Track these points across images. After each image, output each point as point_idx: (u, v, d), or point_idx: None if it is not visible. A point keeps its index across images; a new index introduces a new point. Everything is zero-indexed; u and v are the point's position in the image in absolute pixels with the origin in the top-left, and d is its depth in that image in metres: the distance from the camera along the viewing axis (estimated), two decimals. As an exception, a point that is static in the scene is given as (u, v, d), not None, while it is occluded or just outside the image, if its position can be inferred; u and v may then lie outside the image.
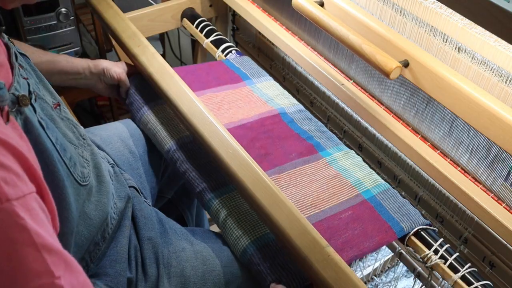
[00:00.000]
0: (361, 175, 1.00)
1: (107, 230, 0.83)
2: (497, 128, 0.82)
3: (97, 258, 0.82)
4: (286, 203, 0.83)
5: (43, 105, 0.69)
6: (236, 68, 1.24)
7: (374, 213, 0.93)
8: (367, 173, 1.01)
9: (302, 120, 1.12)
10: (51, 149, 0.66)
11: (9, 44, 0.67)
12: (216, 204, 0.95)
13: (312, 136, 1.08)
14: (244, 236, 0.90)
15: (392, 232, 0.90)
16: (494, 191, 0.92)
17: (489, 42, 0.83)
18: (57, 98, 0.77)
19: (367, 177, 1.00)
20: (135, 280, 0.85)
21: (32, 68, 0.73)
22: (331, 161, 1.03)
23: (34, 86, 0.68)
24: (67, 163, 0.69)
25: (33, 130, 0.63)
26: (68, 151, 0.70)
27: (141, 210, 0.92)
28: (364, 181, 0.99)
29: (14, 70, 0.64)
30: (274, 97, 1.17)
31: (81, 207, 0.74)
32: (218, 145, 0.91)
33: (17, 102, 0.60)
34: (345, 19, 1.01)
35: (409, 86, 1.02)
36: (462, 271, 0.85)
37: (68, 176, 0.69)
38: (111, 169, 0.94)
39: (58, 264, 0.50)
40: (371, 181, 1.00)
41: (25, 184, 0.51)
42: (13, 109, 0.59)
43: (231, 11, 1.49)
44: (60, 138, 0.70)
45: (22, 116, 0.62)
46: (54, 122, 0.71)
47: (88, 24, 1.77)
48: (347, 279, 0.75)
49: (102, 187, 0.81)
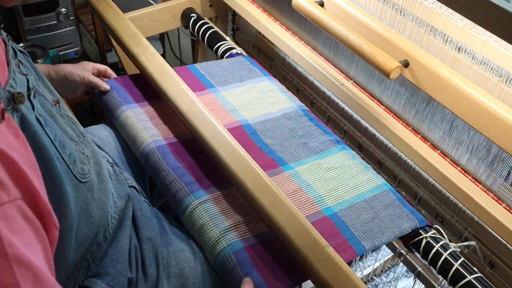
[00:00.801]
0: (323, 191, 0.97)
1: (108, 229, 0.83)
2: (497, 128, 0.82)
3: (99, 258, 0.82)
4: (286, 203, 0.83)
5: (43, 102, 0.69)
6: (200, 75, 1.21)
7: (334, 230, 0.90)
8: (330, 188, 0.98)
9: (265, 132, 1.08)
10: (49, 146, 0.65)
11: (6, 40, 0.67)
12: (192, 207, 0.92)
13: (274, 150, 1.04)
14: (220, 240, 0.87)
15: (352, 250, 0.87)
16: (494, 191, 0.92)
17: (489, 42, 0.83)
18: (56, 96, 0.77)
19: (329, 194, 0.96)
20: (135, 280, 0.85)
21: (31, 65, 0.73)
22: (293, 175, 0.99)
23: (34, 83, 0.68)
24: (66, 160, 0.69)
25: (30, 127, 0.63)
26: (68, 147, 0.70)
27: (141, 210, 0.92)
28: (326, 198, 0.96)
29: (10, 67, 0.63)
30: (238, 108, 1.13)
31: (82, 204, 0.74)
32: (218, 145, 0.91)
33: (13, 99, 0.60)
34: (345, 19, 1.01)
35: (409, 86, 1.02)
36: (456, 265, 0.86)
37: (67, 172, 0.69)
38: (111, 168, 0.94)
39: (26, 277, 0.49)
40: (334, 198, 0.96)
41: (6, 192, 0.50)
42: (8, 107, 0.59)
43: (231, 11, 1.49)
44: (60, 134, 0.69)
45: (19, 113, 0.61)
46: (54, 118, 0.70)
47: (88, 24, 1.77)
48: (347, 279, 0.75)
49: (102, 185, 0.81)
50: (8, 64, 0.64)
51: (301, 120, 1.13)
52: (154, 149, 1.01)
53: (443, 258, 0.88)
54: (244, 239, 0.88)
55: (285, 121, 1.12)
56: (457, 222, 0.99)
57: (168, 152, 1.01)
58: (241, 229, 0.90)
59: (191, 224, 0.91)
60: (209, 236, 0.88)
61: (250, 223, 0.91)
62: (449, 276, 0.86)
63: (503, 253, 0.92)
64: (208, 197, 0.94)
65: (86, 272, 0.81)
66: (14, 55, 0.67)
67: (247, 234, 0.89)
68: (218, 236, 0.88)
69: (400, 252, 1.08)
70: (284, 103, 1.16)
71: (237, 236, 0.88)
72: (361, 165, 1.03)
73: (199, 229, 0.90)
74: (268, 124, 1.11)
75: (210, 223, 0.89)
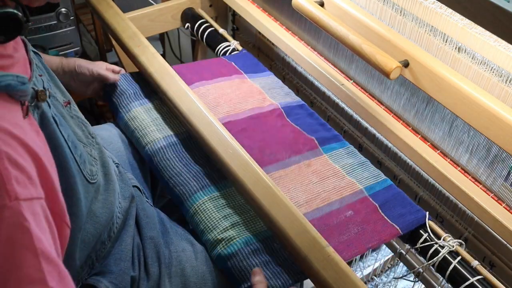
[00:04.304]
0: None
1: (112, 229, 0.83)
2: (497, 128, 0.82)
3: (103, 256, 0.83)
4: (286, 203, 0.83)
5: (54, 103, 0.70)
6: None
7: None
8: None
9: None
10: (64, 146, 0.66)
11: (25, 40, 0.68)
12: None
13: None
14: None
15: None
16: (494, 191, 0.92)
17: (489, 42, 0.83)
18: (67, 96, 0.77)
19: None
20: (137, 279, 0.85)
21: (44, 66, 0.73)
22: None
23: (47, 83, 0.69)
24: (77, 160, 0.70)
25: (49, 125, 0.63)
26: (79, 148, 0.71)
27: (143, 209, 0.92)
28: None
29: (32, 65, 0.65)
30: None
31: (89, 205, 0.74)
32: (218, 145, 0.91)
33: (36, 96, 0.61)
34: (345, 19, 1.01)
35: (409, 86, 1.02)
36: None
37: (79, 173, 0.70)
38: (116, 168, 0.94)
39: (53, 275, 0.49)
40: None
41: (34, 188, 0.50)
42: (31, 104, 0.60)
43: (231, 11, 1.49)
44: (71, 135, 0.70)
45: (39, 111, 0.62)
46: (65, 119, 0.71)
47: (88, 24, 1.77)
48: (347, 279, 0.74)
49: (109, 186, 0.81)
50: (31, 63, 0.65)
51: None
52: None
53: (442, 258, 0.87)
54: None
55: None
56: (457, 222, 0.99)
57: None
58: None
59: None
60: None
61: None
62: (447, 274, 0.86)
63: (503, 253, 0.92)
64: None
65: (90, 270, 0.81)
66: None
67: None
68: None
69: (400, 252, 1.08)
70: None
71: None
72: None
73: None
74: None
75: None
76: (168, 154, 1.00)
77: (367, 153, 1.16)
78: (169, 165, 0.99)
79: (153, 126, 1.05)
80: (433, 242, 0.88)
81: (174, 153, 1.01)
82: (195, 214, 0.92)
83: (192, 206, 0.93)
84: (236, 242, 0.87)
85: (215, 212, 0.91)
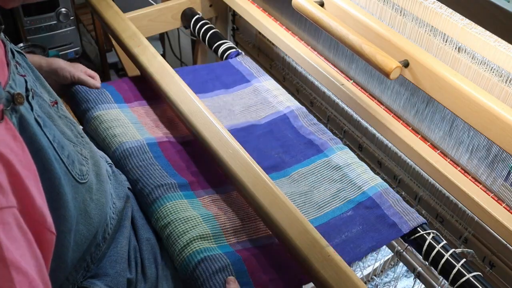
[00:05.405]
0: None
1: (107, 230, 0.82)
2: (497, 128, 0.82)
3: (98, 259, 0.82)
4: (286, 203, 0.83)
5: (40, 103, 0.69)
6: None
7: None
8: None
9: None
10: (47, 148, 0.65)
11: (5, 41, 0.67)
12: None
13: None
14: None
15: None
16: (494, 191, 0.92)
17: (489, 42, 0.83)
18: (54, 96, 0.76)
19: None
20: (134, 281, 0.85)
21: (29, 66, 0.73)
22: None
23: (32, 84, 0.68)
24: (64, 161, 0.69)
25: (29, 128, 0.62)
26: (66, 149, 0.70)
27: (139, 210, 0.92)
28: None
29: (10, 68, 0.63)
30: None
31: (80, 205, 0.73)
32: (218, 145, 0.91)
33: (12, 100, 0.59)
34: (345, 19, 1.02)
35: (409, 86, 1.02)
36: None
37: (66, 174, 0.69)
38: (109, 168, 0.93)
39: (24, 285, 0.48)
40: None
41: (5, 198, 0.49)
42: (7, 108, 0.58)
43: (231, 11, 1.49)
44: (58, 135, 0.69)
45: (17, 114, 0.60)
46: (52, 119, 0.70)
47: (88, 24, 1.77)
48: (347, 279, 0.75)
49: (100, 186, 0.81)
50: (8, 65, 0.63)
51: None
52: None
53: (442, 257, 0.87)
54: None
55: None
56: (457, 222, 0.99)
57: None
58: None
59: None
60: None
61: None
62: (438, 265, 0.86)
63: (503, 253, 0.92)
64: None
65: (85, 273, 0.80)
66: (12, 56, 0.67)
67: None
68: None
69: (400, 252, 1.08)
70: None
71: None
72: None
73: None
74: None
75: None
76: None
77: (367, 153, 1.16)
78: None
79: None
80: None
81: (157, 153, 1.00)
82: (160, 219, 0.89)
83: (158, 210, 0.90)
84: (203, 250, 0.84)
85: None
